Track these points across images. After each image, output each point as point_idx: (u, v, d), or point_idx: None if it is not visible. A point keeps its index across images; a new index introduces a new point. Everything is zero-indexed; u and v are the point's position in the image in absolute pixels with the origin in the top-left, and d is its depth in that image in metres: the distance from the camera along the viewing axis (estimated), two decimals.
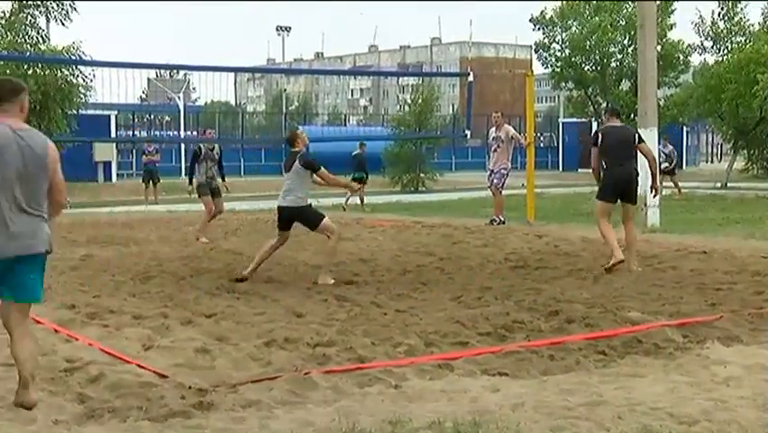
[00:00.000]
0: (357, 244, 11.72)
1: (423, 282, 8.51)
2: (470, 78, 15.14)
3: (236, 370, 5.21)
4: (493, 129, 14.72)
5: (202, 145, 13.07)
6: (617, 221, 9.50)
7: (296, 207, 8.83)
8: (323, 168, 8.83)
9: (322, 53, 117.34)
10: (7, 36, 19.73)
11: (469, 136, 16.95)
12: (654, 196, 10.47)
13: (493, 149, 14.61)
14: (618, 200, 9.27)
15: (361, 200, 19.23)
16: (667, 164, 20.70)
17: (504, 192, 14.57)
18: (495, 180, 14.35)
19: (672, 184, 21.24)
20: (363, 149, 20.42)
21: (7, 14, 20.04)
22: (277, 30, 73.17)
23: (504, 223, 14.03)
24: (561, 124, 46.97)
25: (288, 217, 8.90)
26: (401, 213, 17.22)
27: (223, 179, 12.94)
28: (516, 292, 7.78)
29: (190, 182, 12.94)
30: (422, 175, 28.90)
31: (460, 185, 28.98)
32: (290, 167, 8.84)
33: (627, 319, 6.52)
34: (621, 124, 9.71)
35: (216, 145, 13.20)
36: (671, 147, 21.47)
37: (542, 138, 49.62)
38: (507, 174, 14.49)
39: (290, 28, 71.01)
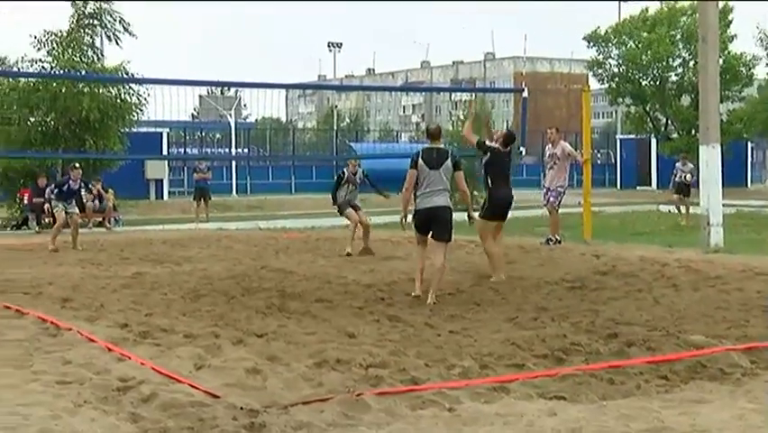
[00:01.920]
0: (408, 264, 11.68)
1: (477, 303, 8.46)
2: (525, 93, 15.10)
3: (287, 391, 5.23)
4: (549, 146, 14.62)
5: (345, 169, 13.92)
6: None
7: (449, 207, 8.80)
8: None
9: (373, 69, 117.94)
10: (65, 55, 20.21)
11: (523, 153, 16.85)
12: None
13: (549, 166, 14.51)
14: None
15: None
16: (685, 183, 19.41)
17: (560, 211, 14.45)
18: (551, 199, 14.24)
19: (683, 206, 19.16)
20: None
21: (65, 34, 20.52)
22: (328, 46, 73.75)
23: (560, 242, 13.90)
24: (618, 141, 46.48)
25: (434, 219, 8.71)
26: (457, 231, 17.10)
27: (379, 193, 13.99)
28: (572, 314, 7.69)
29: (334, 202, 13.90)
30: (475, 193, 28.73)
31: (514, 203, 28.78)
32: (440, 164, 8.66)
33: (690, 343, 6.39)
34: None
35: (360, 170, 13.97)
36: (691, 165, 19.82)
37: (599, 155, 49.11)
38: (564, 192, 14.36)
39: (342, 44, 71.54)
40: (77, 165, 15.20)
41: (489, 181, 10.64)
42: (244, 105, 51.25)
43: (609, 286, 9.42)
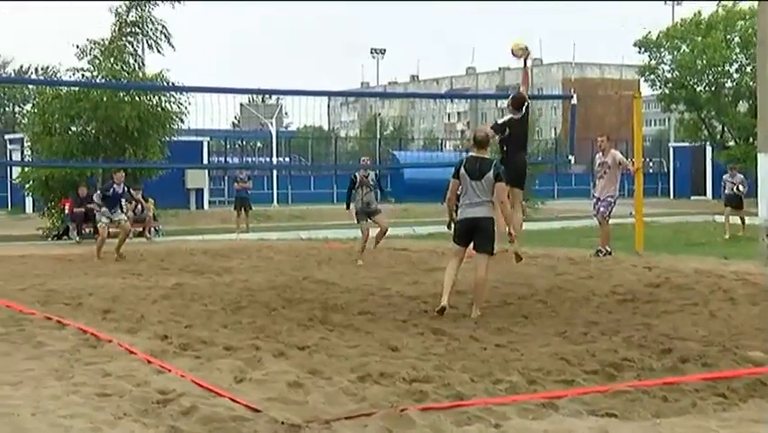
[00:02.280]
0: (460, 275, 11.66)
1: (524, 316, 8.41)
2: (574, 100, 14.99)
3: (330, 405, 5.24)
4: (599, 154, 14.51)
5: (357, 173, 14.05)
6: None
7: (492, 218, 8.71)
8: None
9: (417, 76, 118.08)
10: (106, 63, 20.56)
11: (572, 162, 16.75)
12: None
13: (599, 175, 14.39)
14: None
15: None
16: (735, 195, 18.69)
17: (611, 221, 14.32)
18: (601, 209, 14.12)
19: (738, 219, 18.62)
20: None
21: (106, 42, 20.87)
22: (371, 52, 74.02)
23: (611, 254, 13.77)
24: (671, 149, 45.95)
25: (476, 230, 8.60)
26: (499, 243, 17.05)
27: (384, 199, 14.28)
28: (624, 328, 7.61)
29: (348, 207, 14.07)
30: (522, 203, 28.66)
31: (563, 213, 28.60)
32: (483, 174, 8.55)
33: (749, 360, 6.29)
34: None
35: (371, 172, 14.13)
36: (740, 176, 19.29)
37: (651, 163, 48.62)
38: (615, 202, 14.23)
39: (385, 50, 71.71)
40: (124, 169, 15.39)
41: (506, 149, 10.75)
42: (286, 114, 51.59)
43: (662, 299, 9.30)
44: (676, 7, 48.09)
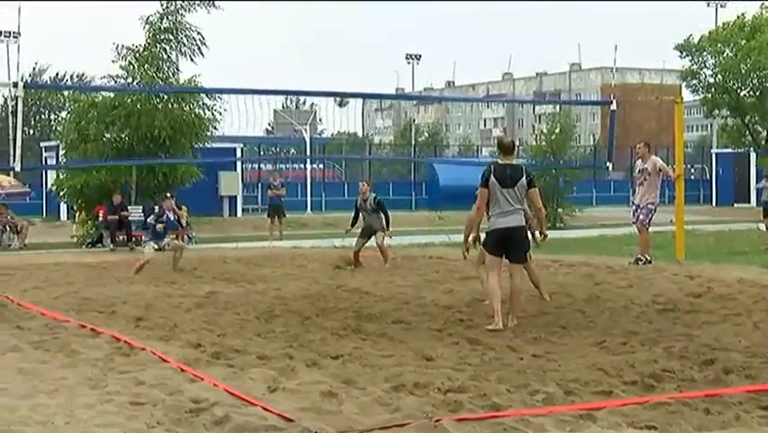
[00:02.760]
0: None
1: (562, 325, 8.36)
2: (613, 105, 14.90)
3: (363, 415, 5.25)
4: (638, 161, 14.40)
5: (358, 197, 14.88)
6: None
7: (525, 227, 8.68)
8: None
9: (453, 82, 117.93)
10: (140, 69, 20.80)
11: (611, 168, 16.63)
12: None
13: (639, 182, 14.29)
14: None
15: None
16: None
17: (651, 229, 14.20)
18: (641, 216, 14.00)
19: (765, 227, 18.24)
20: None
21: (141, 49, 21.12)
22: (406, 58, 74.12)
23: (650, 262, 13.65)
24: (714, 155, 45.46)
25: (510, 240, 8.44)
26: (537, 251, 16.98)
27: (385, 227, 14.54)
28: (664, 338, 7.54)
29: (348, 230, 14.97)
30: (559, 210, 28.50)
31: (601, 221, 28.41)
32: (515, 181, 8.35)
33: None
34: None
35: (371, 195, 14.74)
36: None
37: (692, 170, 48.13)
38: (655, 209, 14.11)
39: (420, 56, 71.75)
40: (169, 195, 15.09)
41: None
42: (320, 120, 51.82)
43: (704, 309, 9.21)
44: (720, 9, 47.56)
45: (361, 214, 14.77)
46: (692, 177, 46.21)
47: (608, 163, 15.80)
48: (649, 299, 9.92)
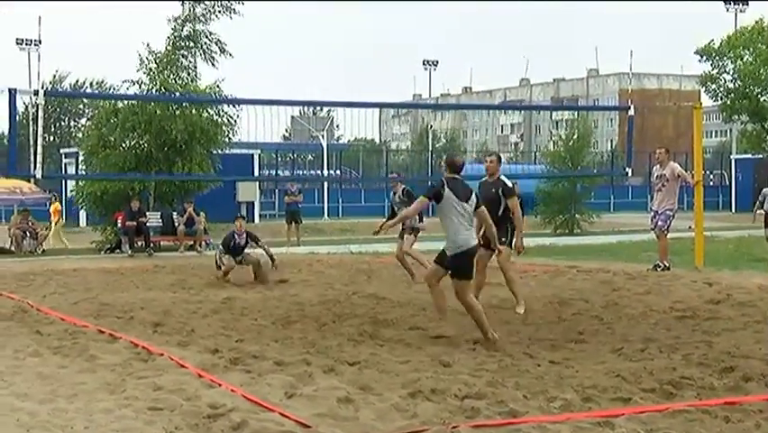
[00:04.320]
0: (508, 291, 11.61)
1: (579, 332, 8.33)
2: (631, 111, 14.85)
3: (380, 421, 5.25)
4: (657, 166, 14.33)
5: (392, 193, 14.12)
6: None
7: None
8: None
9: (470, 88, 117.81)
10: (160, 76, 20.93)
11: (629, 174, 16.57)
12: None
13: (657, 188, 14.22)
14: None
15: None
16: None
17: (669, 235, 14.13)
18: (659, 222, 13.94)
19: None
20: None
21: (161, 55, 21.25)
22: (423, 64, 74.09)
23: (669, 269, 13.57)
24: (733, 161, 45.20)
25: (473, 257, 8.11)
26: (554, 257, 16.97)
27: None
28: (683, 345, 7.50)
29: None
30: (577, 216, 28.43)
31: (619, 227, 28.28)
32: (468, 197, 7.98)
33: None
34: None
35: (402, 187, 13.86)
36: None
37: (711, 176, 47.86)
38: (673, 215, 14.04)
39: (438, 62, 71.54)
40: (240, 215, 14.44)
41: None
42: (337, 126, 51.92)
43: (724, 316, 9.15)
44: (739, 14, 47.23)
45: (395, 210, 13.70)
46: (711, 183, 45.94)
47: (626, 169, 15.73)
48: (668, 306, 9.86)
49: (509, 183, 10.07)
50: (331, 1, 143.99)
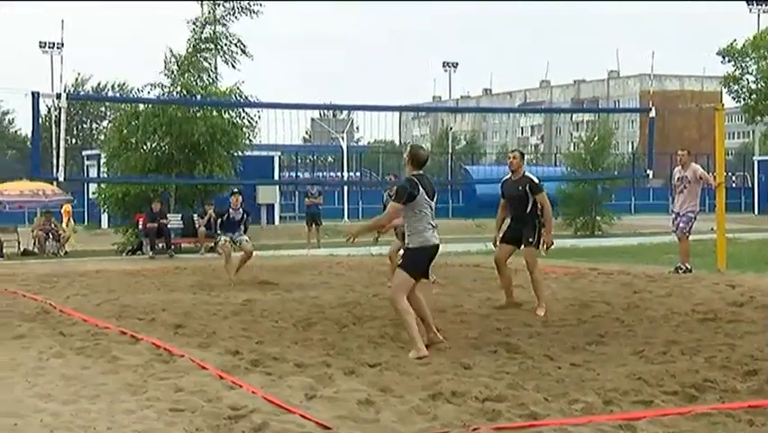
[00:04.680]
0: (529, 292, 11.57)
1: (600, 334, 8.29)
2: (652, 113, 14.77)
3: (401, 424, 5.25)
4: (678, 168, 14.27)
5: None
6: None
7: None
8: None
9: (490, 90, 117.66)
10: (181, 79, 21.05)
11: (651, 176, 16.48)
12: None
13: (679, 190, 14.15)
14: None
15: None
16: None
17: (691, 237, 14.04)
18: (681, 224, 13.86)
19: None
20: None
21: (182, 58, 21.37)
22: (443, 66, 73.98)
23: (690, 271, 13.50)
24: (756, 163, 44.87)
25: (434, 256, 7.85)
26: (575, 259, 16.90)
27: None
28: (705, 348, 7.45)
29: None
30: (598, 218, 28.31)
31: (640, 229, 28.14)
32: (434, 194, 7.79)
33: None
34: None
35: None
36: None
37: (734, 178, 47.55)
38: (695, 217, 13.97)
39: (457, 64, 71.48)
40: (236, 190, 14.29)
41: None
42: (357, 128, 51.96)
43: (747, 318, 9.07)
44: (762, 15, 46.88)
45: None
46: (734, 185, 45.66)
47: (647, 171, 15.65)
48: (689, 309, 9.80)
49: (536, 179, 9.93)
50: (350, 1, 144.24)
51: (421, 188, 7.65)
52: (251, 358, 7.15)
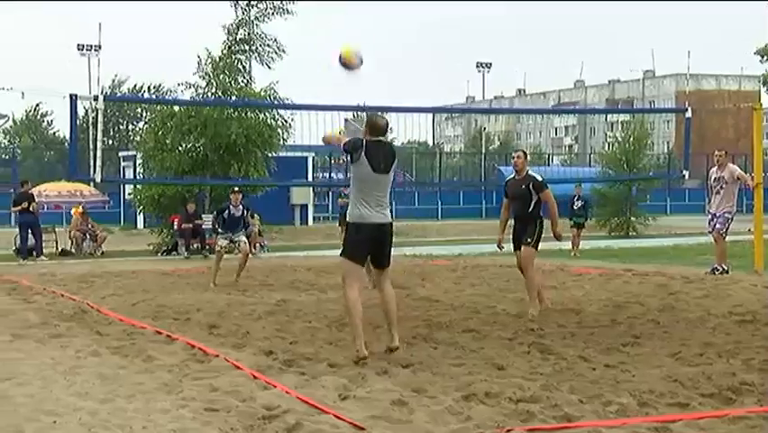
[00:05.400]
0: (562, 293, 11.53)
1: (635, 336, 8.23)
2: (688, 113, 14.64)
3: (434, 424, 5.24)
4: (714, 169, 14.12)
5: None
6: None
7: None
8: None
9: (524, 90, 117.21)
10: (217, 80, 21.20)
11: (687, 177, 16.34)
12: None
13: (715, 191, 14.00)
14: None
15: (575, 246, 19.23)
16: None
17: (727, 238, 13.89)
18: (717, 225, 13.72)
19: None
20: (578, 190, 20.44)
21: (217, 59, 21.51)
22: (477, 66, 73.91)
23: (727, 272, 13.35)
24: None
25: (383, 239, 7.26)
26: (610, 259, 16.78)
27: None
28: (743, 350, 7.36)
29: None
30: (633, 219, 28.10)
31: (676, 230, 27.89)
32: (389, 166, 7.15)
33: None
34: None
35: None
36: None
37: None
38: (732, 218, 13.81)
39: (491, 64, 71.46)
40: (237, 189, 14.20)
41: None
42: (390, 129, 52.00)
43: None
44: None
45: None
46: None
47: (683, 172, 15.53)
48: (726, 310, 9.69)
49: (539, 177, 9.93)
50: (384, 1, 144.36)
51: (363, 155, 6.97)
52: (284, 358, 7.18)
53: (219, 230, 13.89)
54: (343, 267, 7.27)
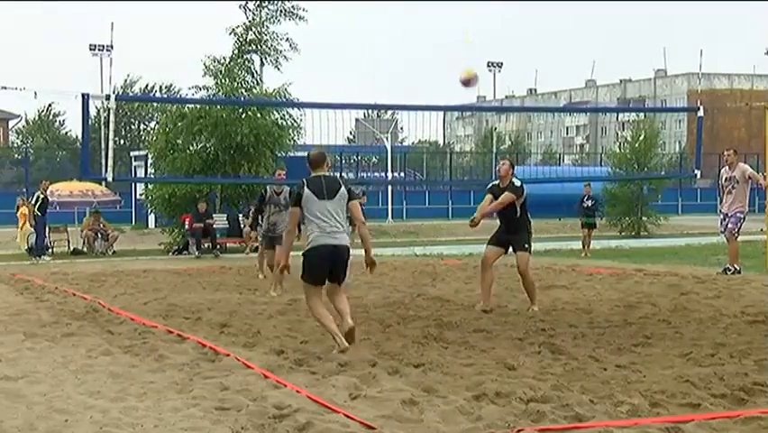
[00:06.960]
0: (573, 293, 11.51)
1: (646, 336, 8.20)
2: (700, 112, 14.59)
3: (445, 424, 5.24)
4: (725, 168, 14.07)
5: (268, 187, 12.82)
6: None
7: (349, 246, 7.96)
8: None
9: (535, 89, 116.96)
10: (226, 81, 21.26)
11: (698, 176, 16.28)
12: None
13: (727, 190, 13.95)
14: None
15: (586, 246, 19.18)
16: None
17: (740, 238, 13.84)
18: (729, 225, 13.67)
19: None
20: (588, 189, 20.38)
21: (227, 60, 21.58)
22: (488, 66, 73.74)
23: (739, 272, 13.30)
24: None
25: (338, 259, 7.81)
26: (621, 259, 16.74)
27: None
28: (755, 350, 7.32)
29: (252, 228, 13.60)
30: (644, 218, 28.01)
31: (687, 230, 27.81)
32: (334, 193, 7.66)
33: None
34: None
35: (285, 189, 12.34)
36: None
37: None
38: (744, 218, 13.76)
39: (502, 64, 71.24)
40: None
41: None
42: (401, 128, 52.03)
43: None
44: None
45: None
46: None
47: (695, 171, 15.46)
48: (738, 310, 9.65)
49: (517, 182, 10.12)
50: (395, 1, 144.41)
51: (307, 189, 7.55)
52: (295, 357, 7.19)
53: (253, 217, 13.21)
54: (305, 290, 7.82)
